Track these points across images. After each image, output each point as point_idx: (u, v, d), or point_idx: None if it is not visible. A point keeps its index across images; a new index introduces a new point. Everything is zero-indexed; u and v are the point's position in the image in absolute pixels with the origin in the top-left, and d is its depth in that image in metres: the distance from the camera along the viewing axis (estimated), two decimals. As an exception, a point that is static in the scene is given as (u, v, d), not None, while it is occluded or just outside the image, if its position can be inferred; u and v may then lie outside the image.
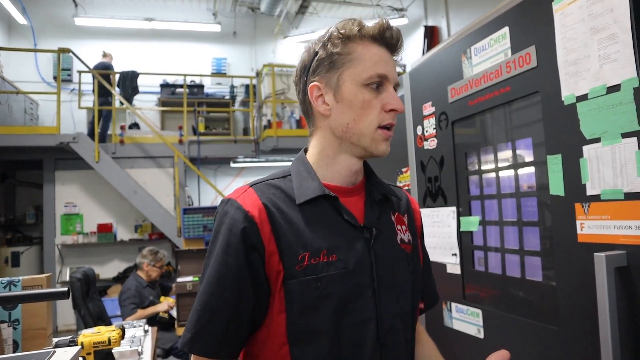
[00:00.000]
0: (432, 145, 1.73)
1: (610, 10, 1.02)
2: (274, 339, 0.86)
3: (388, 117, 0.90)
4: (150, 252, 4.37)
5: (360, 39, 0.89)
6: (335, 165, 0.94)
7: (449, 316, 1.66)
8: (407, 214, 1.05)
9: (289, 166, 0.99)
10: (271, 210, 0.87)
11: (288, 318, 0.85)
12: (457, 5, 7.85)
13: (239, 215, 0.86)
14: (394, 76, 0.91)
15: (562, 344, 1.17)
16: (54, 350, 1.05)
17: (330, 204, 0.91)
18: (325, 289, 0.85)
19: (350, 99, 0.89)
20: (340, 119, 0.91)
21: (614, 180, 1.03)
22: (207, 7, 9.48)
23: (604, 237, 1.05)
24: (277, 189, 0.92)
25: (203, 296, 0.85)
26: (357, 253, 0.89)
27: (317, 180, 0.92)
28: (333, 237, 0.88)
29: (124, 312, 3.99)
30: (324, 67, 0.91)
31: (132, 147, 7.22)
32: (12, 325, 1.49)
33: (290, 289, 0.84)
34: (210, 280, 0.85)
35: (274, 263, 0.85)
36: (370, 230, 0.92)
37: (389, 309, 0.90)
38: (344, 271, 0.86)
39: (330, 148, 0.94)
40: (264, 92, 8.15)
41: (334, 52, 0.89)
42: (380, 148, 0.91)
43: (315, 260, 0.85)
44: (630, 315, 0.99)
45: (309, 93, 0.93)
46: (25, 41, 8.55)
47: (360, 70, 0.88)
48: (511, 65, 1.32)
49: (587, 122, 1.08)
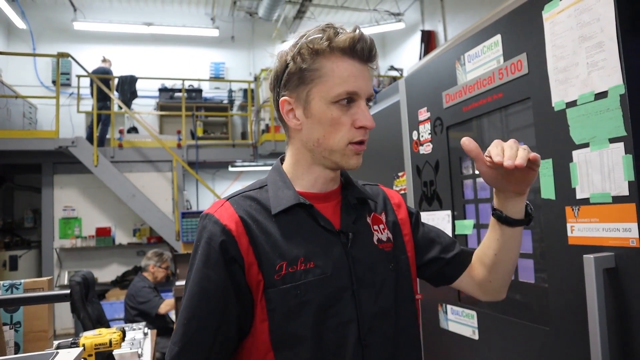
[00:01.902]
0: (428, 150, 1.76)
1: (597, 20, 1.05)
2: (258, 346, 0.88)
3: (358, 134, 0.90)
4: (155, 254, 4.43)
5: (330, 53, 0.88)
6: (311, 175, 0.96)
7: (445, 318, 1.68)
8: (385, 211, 1.06)
9: (266, 177, 1.00)
10: (247, 222, 0.89)
11: (270, 326, 0.87)
12: (453, 10, 7.91)
13: (216, 229, 0.88)
14: (365, 90, 0.90)
15: (554, 344, 1.19)
16: (56, 351, 1.07)
17: (306, 211, 0.93)
18: (305, 295, 0.87)
19: (319, 117, 0.89)
20: (311, 134, 0.92)
21: (602, 184, 1.06)
22: (205, 12, 9.52)
23: (593, 239, 1.08)
24: (253, 200, 0.94)
25: (187, 310, 0.87)
26: (335, 258, 0.91)
27: (292, 189, 0.94)
28: (310, 244, 0.90)
29: (153, 305, 4.00)
30: (293, 81, 0.91)
31: (131, 151, 7.23)
32: (13, 328, 1.51)
33: (270, 297, 0.87)
34: (193, 294, 0.87)
35: (253, 273, 0.87)
36: (346, 234, 0.94)
37: (369, 310, 0.92)
38: (323, 277, 0.88)
39: (304, 159, 0.96)
40: (262, 96, 8.19)
41: (302, 68, 0.89)
42: (351, 162, 0.92)
43: (293, 268, 0.87)
44: (618, 314, 1.02)
45: (280, 107, 0.94)
46: (24, 45, 8.57)
47: (329, 87, 0.88)
48: (503, 72, 1.35)
49: (577, 127, 1.11)
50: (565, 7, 1.13)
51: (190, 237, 6.18)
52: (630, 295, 1.00)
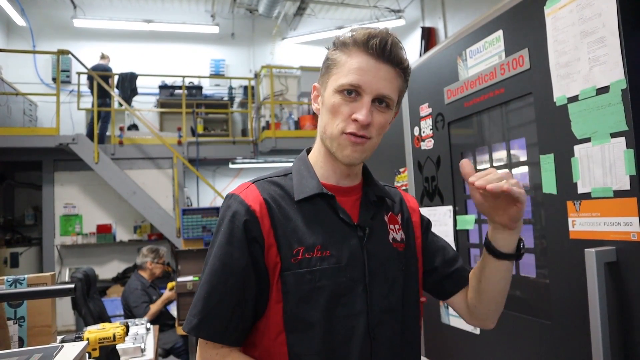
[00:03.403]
0: (429, 145, 1.76)
1: (599, 15, 1.06)
2: (272, 327, 0.90)
3: (351, 126, 0.90)
4: (151, 250, 4.41)
5: (351, 46, 0.91)
6: (329, 164, 0.99)
7: (446, 313, 1.69)
8: (401, 212, 1.09)
9: (291, 165, 1.03)
10: (271, 205, 0.92)
11: (284, 307, 0.89)
12: (454, 7, 7.89)
13: (241, 208, 0.91)
14: (373, 87, 0.89)
15: (555, 338, 1.20)
16: (61, 345, 1.08)
17: (327, 202, 0.96)
18: (318, 281, 0.89)
19: (326, 103, 0.94)
20: (320, 120, 0.97)
21: (603, 178, 1.06)
22: (205, 9, 9.50)
23: (594, 233, 1.09)
24: (278, 186, 0.97)
25: (208, 284, 0.89)
26: (350, 250, 0.93)
27: (316, 179, 0.97)
28: (328, 233, 0.93)
29: (138, 312, 4.02)
30: (323, 70, 0.97)
31: (131, 148, 7.23)
32: (17, 323, 1.51)
33: (286, 280, 0.89)
34: (214, 269, 0.89)
35: (272, 255, 0.90)
36: (363, 229, 0.96)
37: (379, 304, 0.95)
38: (337, 266, 0.91)
39: (322, 146, 0.99)
40: (262, 93, 8.17)
41: (329, 57, 0.95)
42: (344, 153, 0.92)
43: (310, 254, 0.90)
44: (619, 308, 1.03)
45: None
46: (24, 43, 8.55)
47: (339, 76, 0.91)
48: (505, 67, 1.35)
49: (578, 122, 1.12)
50: (567, 3, 1.14)
51: (191, 234, 6.19)
52: (631, 289, 1.01)
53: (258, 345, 0.92)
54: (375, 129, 0.92)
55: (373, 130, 0.92)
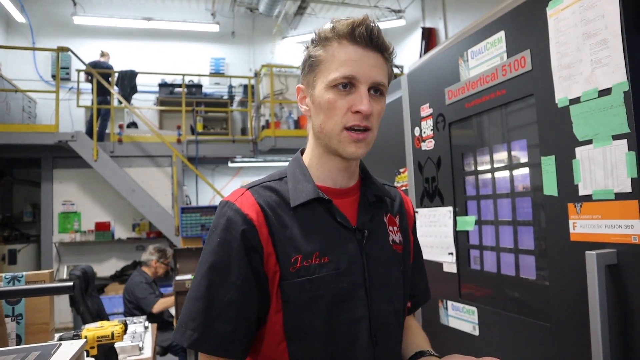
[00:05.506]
0: (430, 146, 1.76)
1: (601, 17, 1.05)
2: (272, 336, 0.89)
3: (353, 119, 0.88)
4: (158, 249, 4.46)
5: (334, 40, 0.89)
6: (325, 165, 0.96)
7: (445, 314, 1.69)
8: (400, 214, 1.07)
9: (286, 167, 1.00)
10: (267, 213, 0.89)
11: (284, 316, 0.88)
12: (454, 7, 7.89)
13: (237, 217, 0.88)
14: (367, 76, 0.87)
15: (554, 340, 1.20)
16: (60, 342, 1.07)
17: (324, 206, 0.93)
18: (318, 289, 0.87)
19: (319, 101, 0.90)
20: (315, 120, 0.93)
21: (605, 181, 1.06)
22: (205, 7, 9.49)
23: (595, 236, 1.09)
24: (273, 191, 0.94)
25: (206, 298, 0.85)
26: (349, 254, 0.91)
27: (312, 182, 0.94)
28: (325, 239, 0.91)
29: (148, 303, 4.03)
30: (305, 69, 0.94)
31: (131, 146, 7.22)
32: (15, 320, 1.51)
33: (285, 289, 0.87)
34: (211, 282, 0.86)
35: (271, 264, 0.88)
36: (362, 231, 0.94)
37: (381, 308, 0.93)
38: (336, 272, 0.89)
39: (316, 148, 0.96)
40: (262, 92, 8.17)
41: (311, 55, 0.92)
42: (348, 150, 0.89)
43: (308, 262, 0.88)
44: (619, 311, 1.03)
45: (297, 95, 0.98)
46: (24, 40, 8.54)
47: (329, 72, 0.88)
48: (507, 68, 1.35)
49: (580, 124, 1.12)
50: (570, 4, 1.13)
51: (190, 232, 6.18)
52: (632, 291, 1.01)
53: (259, 352, 0.91)
54: (375, 118, 0.91)
55: (374, 120, 0.90)
